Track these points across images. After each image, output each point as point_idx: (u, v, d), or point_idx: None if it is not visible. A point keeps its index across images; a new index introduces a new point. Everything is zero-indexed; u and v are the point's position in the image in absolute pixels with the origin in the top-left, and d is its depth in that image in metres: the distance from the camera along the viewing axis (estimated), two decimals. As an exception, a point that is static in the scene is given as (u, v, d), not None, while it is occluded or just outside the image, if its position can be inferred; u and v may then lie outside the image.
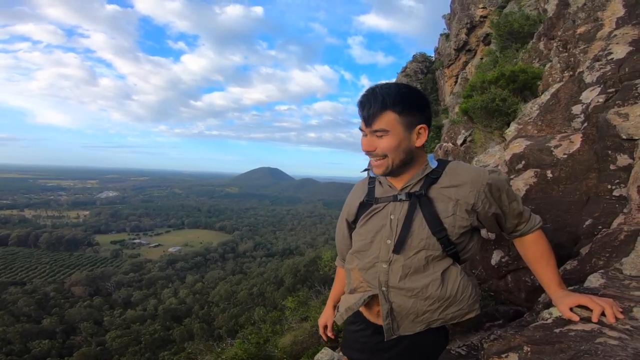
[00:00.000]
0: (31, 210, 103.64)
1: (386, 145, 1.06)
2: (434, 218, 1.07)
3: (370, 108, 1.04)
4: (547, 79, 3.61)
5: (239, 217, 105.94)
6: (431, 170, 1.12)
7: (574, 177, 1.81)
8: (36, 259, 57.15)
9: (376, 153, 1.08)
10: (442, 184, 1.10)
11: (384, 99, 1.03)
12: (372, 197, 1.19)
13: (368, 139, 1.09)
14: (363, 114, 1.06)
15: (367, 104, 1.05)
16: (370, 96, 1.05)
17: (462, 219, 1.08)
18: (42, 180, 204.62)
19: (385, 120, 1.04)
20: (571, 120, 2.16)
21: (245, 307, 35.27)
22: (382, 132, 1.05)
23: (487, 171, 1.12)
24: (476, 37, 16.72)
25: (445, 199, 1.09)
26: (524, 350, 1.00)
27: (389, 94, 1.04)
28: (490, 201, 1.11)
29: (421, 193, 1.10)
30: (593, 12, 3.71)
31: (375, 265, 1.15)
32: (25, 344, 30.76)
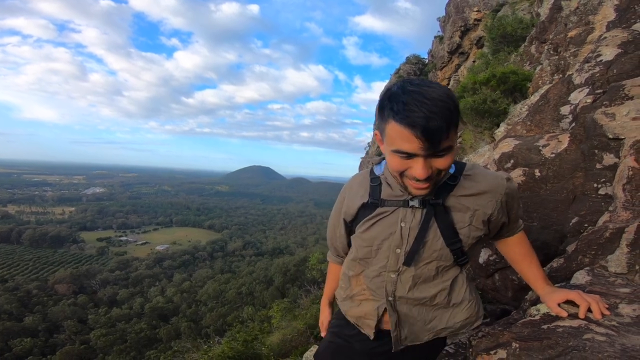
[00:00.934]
0: (14, 205, 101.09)
1: (447, 163, 0.88)
2: (449, 229, 0.99)
3: (440, 126, 0.80)
4: (537, 81, 3.65)
5: (228, 215, 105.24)
6: (449, 176, 1.00)
7: (561, 175, 1.82)
8: (19, 256, 55.78)
9: (431, 176, 0.89)
10: (460, 191, 1.00)
11: (451, 113, 0.82)
12: (376, 198, 1.05)
13: (425, 162, 0.86)
14: (429, 133, 0.80)
15: (435, 119, 0.80)
16: (436, 110, 0.80)
17: (477, 230, 1.01)
18: (28, 175, 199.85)
19: (451, 137, 0.85)
20: (559, 120, 2.18)
21: (234, 306, 35.04)
22: (446, 151, 0.86)
23: (504, 179, 1.04)
24: (470, 40, 16.92)
25: (462, 209, 1.00)
26: (513, 346, 1.00)
27: (450, 105, 0.83)
28: (504, 210, 1.05)
29: (438, 202, 0.98)
30: (585, 16, 3.76)
31: (382, 274, 1.07)
32: (7, 342, 30.06)
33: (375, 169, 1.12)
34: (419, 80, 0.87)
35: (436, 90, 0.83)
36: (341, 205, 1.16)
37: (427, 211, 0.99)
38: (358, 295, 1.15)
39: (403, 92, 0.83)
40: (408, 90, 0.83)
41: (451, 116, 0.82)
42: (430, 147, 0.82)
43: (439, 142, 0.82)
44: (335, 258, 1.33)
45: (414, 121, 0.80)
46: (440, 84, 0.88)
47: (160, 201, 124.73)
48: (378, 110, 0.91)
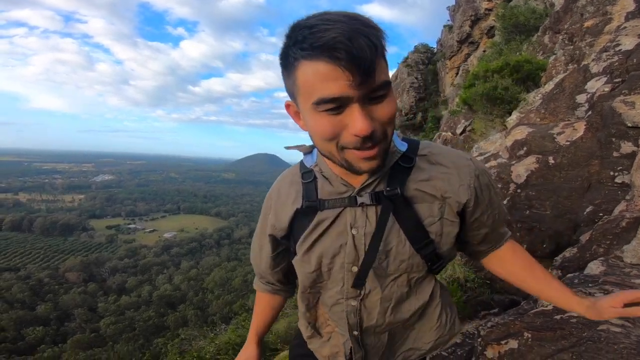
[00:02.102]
0: (25, 193, 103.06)
1: (390, 111, 0.60)
2: (416, 228, 0.71)
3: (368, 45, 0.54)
4: (551, 71, 3.56)
5: (235, 203, 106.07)
6: (401, 156, 0.72)
7: (576, 163, 1.78)
8: (30, 244, 57.03)
9: (375, 134, 0.60)
10: (420, 175, 0.72)
11: (376, 30, 0.57)
12: (313, 199, 0.74)
13: (361, 111, 0.57)
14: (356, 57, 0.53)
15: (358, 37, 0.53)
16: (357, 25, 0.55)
17: (452, 224, 0.73)
18: (38, 163, 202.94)
19: (383, 69, 0.58)
20: (575, 108, 2.13)
21: (240, 294, 35.57)
22: (386, 90, 0.59)
23: (469, 159, 0.76)
24: (480, 30, 16.57)
25: (427, 198, 0.71)
26: (524, 336, 0.98)
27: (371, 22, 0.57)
28: (482, 204, 0.76)
29: (396, 192, 0.69)
30: (602, 6, 3.64)
31: (340, 302, 0.78)
32: (19, 331, 30.80)
33: (305, 160, 0.81)
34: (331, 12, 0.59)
35: (348, 12, 0.58)
36: (266, 218, 0.85)
37: (382, 207, 0.70)
38: (325, 327, 0.88)
39: (306, 19, 0.57)
40: (312, 16, 0.58)
41: (378, 35, 0.56)
42: (363, 80, 0.54)
43: (372, 72, 0.55)
44: (264, 286, 0.99)
45: (330, 44, 0.53)
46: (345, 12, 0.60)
47: (168, 188, 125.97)
48: (282, 63, 0.62)
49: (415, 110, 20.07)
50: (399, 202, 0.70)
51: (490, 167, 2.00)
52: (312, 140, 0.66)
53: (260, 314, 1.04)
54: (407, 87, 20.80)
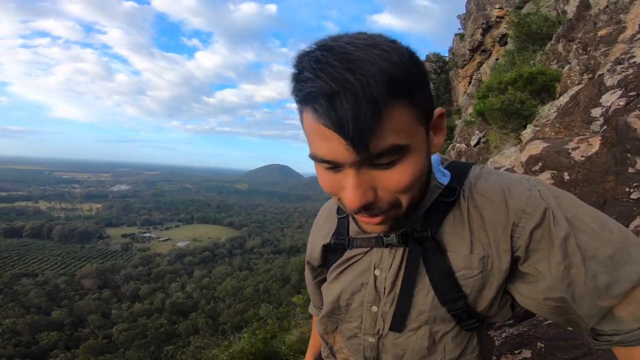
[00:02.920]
0: (46, 202, 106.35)
1: (402, 180, 0.47)
2: (446, 279, 0.58)
3: (360, 98, 0.40)
4: (566, 81, 3.56)
5: (247, 213, 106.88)
6: (441, 191, 0.59)
7: (591, 179, 1.79)
8: (49, 251, 58.57)
9: (378, 204, 0.49)
10: (460, 214, 0.58)
11: (385, 72, 0.41)
12: (343, 236, 0.69)
13: (355, 178, 0.47)
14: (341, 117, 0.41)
15: (343, 93, 0.40)
16: (345, 78, 0.40)
17: (498, 281, 0.57)
18: (58, 172, 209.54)
19: (397, 125, 0.43)
20: (590, 123, 2.14)
21: (251, 304, 35.58)
22: (392, 157, 0.45)
23: (530, 184, 0.55)
24: (492, 38, 16.54)
25: (464, 244, 0.57)
26: (538, 346, 1.01)
27: (388, 59, 0.41)
28: (534, 247, 0.53)
29: (426, 235, 0.58)
30: (615, 15, 3.65)
31: (358, 336, 0.72)
32: (34, 336, 31.38)
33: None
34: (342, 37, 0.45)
35: (363, 41, 0.42)
36: (308, 247, 0.83)
37: (410, 251, 0.60)
38: (340, 353, 0.83)
39: (302, 54, 0.44)
40: (309, 50, 0.44)
41: (387, 86, 0.40)
42: (356, 147, 0.42)
43: (363, 138, 0.41)
44: (315, 309, 0.95)
45: (309, 99, 0.42)
46: (369, 36, 0.45)
47: (182, 198, 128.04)
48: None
49: (428, 119, 20.01)
50: (430, 247, 0.59)
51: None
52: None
53: (315, 337, 1.04)
54: (419, 97, 20.79)
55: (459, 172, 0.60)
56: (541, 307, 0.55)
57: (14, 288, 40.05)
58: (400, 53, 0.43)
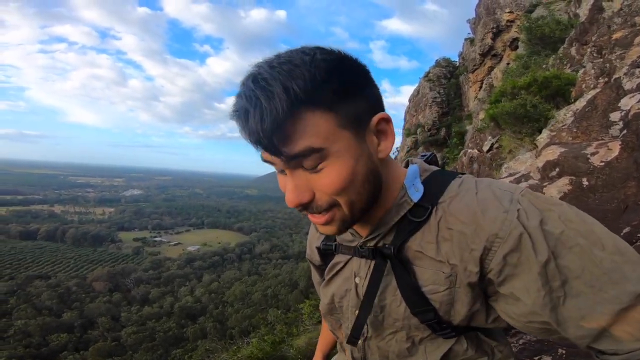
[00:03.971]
0: (60, 205, 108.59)
1: (335, 179, 0.51)
2: (414, 292, 0.59)
3: (263, 112, 0.46)
4: (581, 85, 3.49)
5: (257, 218, 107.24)
6: (412, 207, 0.58)
7: (611, 185, 1.74)
8: (62, 254, 59.68)
9: (317, 203, 0.54)
10: (428, 233, 0.57)
11: (287, 87, 0.46)
12: (331, 241, 0.73)
13: (291, 181, 0.53)
14: (251, 130, 0.47)
15: (255, 106, 0.46)
16: (254, 91, 0.47)
17: (469, 296, 0.56)
18: (73, 177, 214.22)
19: (311, 131, 0.48)
20: (609, 127, 2.08)
21: (259, 309, 35.53)
22: (312, 159, 0.49)
23: (508, 204, 0.52)
24: (502, 42, 16.40)
25: (430, 263, 0.57)
26: (559, 352, 0.98)
27: (297, 76, 0.46)
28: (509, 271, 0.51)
29: (388, 250, 0.60)
30: (630, 17, 3.58)
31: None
32: (44, 337, 31.76)
33: None
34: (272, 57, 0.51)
35: (279, 59, 0.48)
36: (307, 247, 0.86)
37: (375, 264, 0.62)
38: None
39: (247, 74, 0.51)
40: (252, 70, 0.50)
41: (293, 93, 0.45)
42: (272, 153, 0.49)
43: (274, 146, 0.47)
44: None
45: (234, 116, 0.50)
46: (301, 49, 0.51)
47: (193, 203, 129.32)
48: None
49: (439, 125, 19.86)
50: (395, 263, 0.60)
51: (522, 188, 1.97)
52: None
53: (324, 335, 1.10)
54: (430, 102, 20.68)
55: (435, 186, 0.59)
56: (527, 327, 0.54)
57: (27, 290, 40.83)
58: (314, 66, 0.47)
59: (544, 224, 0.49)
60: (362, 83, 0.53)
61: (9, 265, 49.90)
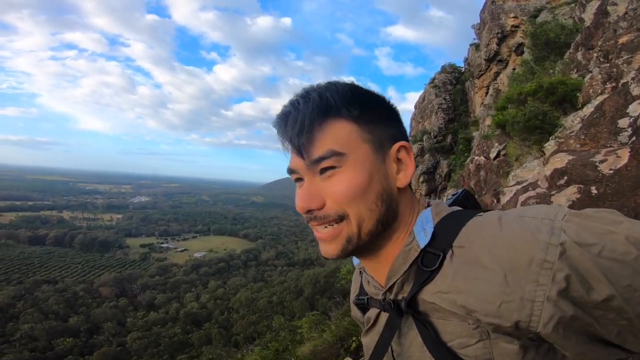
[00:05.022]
0: (69, 211, 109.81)
1: (346, 186, 0.53)
2: (439, 348, 0.52)
3: (299, 117, 0.53)
4: (588, 91, 3.44)
5: (263, 225, 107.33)
6: (421, 254, 0.54)
7: (621, 193, 1.69)
8: (70, 259, 60.23)
9: (325, 212, 0.55)
10: (442, 282, 0.51)
11: (323, 96, 0.54)
12: (363, 295, 0.68)
13: (305, 186, 0.56)
14: (286, 134, 0.55)
15: (294, 112, 0.55)
16: (298, 101, 0.56)
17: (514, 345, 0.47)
18: (82, 183, 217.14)
19: (335, 136, 0.53)
20: (617, 134, 2.04)
21: (264, 315, 35.38)
22: (331, 161, 0.53)
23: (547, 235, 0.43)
24: (508, 47, 16.35)
25: (451, 315, 0.51)
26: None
27: (331, 89, 0.56)
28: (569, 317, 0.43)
29: (398, 302, 0.56)
30: (636, 21, 3.54)
31: None
32: (50, 342, 31.92)
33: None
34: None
35: (322, 84, 0.59)
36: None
37: (388, 319, 0.59)
38: None
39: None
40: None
41: (327, 103, 0.54)
42: (299, 154, 0.54)
43: (305, 142, 0.53)
44: None
45: (275, 122, 0.58)
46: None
47: (200, 210, 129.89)
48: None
49: (445, 132, 19.75)
50: (413, 315, 0.55)
51: (529, 197, 1.93)
52: None
53: None
54: (436, 109, 20.62)
55: (449, 229, 0.53)
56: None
57: (34, 294, 41.20)
58: (347, 87, 0.57)
59: (604, 253, 0.41)
60: (386, 113, 0.59)
61: (17, 270, 50.48)
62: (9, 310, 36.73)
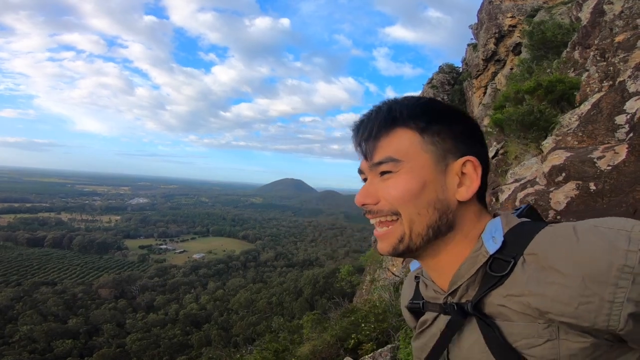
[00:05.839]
0: (67, 213, 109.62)
1: (399, 189, 0.58)
2: (505, 349, 0.54)
3: (369, 125, 0.62)
4: (585, 89, 3.46)
5: (261, 226, 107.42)
6: (490, 260, 0.56)
7: (619, 189, 1.70)
8: (69, 261, 60.14)
9: (379, 207, 0.61)
10: (513, 287, 0.53)
11: (391, 108, 0.61)
12: (418, 300, 0.72)
13: (365, 184, 0.64)
14: (357, 140, 0.64)
15: (366, 121, 0.63)
16: (372, 111, 0.64)
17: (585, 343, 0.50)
18: (80, 185, 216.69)
19: (396, 144, 0.59)
20: (615, 130, 2.05)
21: (264, 316, 35.38)
22: (388, 166, 0.59)
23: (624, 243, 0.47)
24: (505, 47, 16.39)
25: (519, 317, 0.53)
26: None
27: (402, 102, 0.63)
28: None
29: (462, 305, 0.59)
30: (632, 20, 3.56)
31: None
32: (50, 343, 31.90)
33: (412, 265, 0.80)
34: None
35: (397, 98, 0.66)
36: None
37: (449, 321, 0.61)
38: None
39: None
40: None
41: (393, 115, 0.60)
42: (365, 155, 0.63)
43: (371, 147, 0.61)
44: None
45: (355, 123, 0.66)
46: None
47: (198, 212, 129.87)
48: None
49: (442, 131, 19.75)
50: (478, 317, 0.57)
51: (528, 194, 1.94)
52: None
53: None
54: (433, 108, 20.64)
55: (520, 237, 0.55)
56: None
57: (33, 296, 41.08)
58: (419, 101, 0.64)
59: None
60: (459, 128, 0.62)
61: (15, 272, 50.36)
62: (7, 312, 36.62)
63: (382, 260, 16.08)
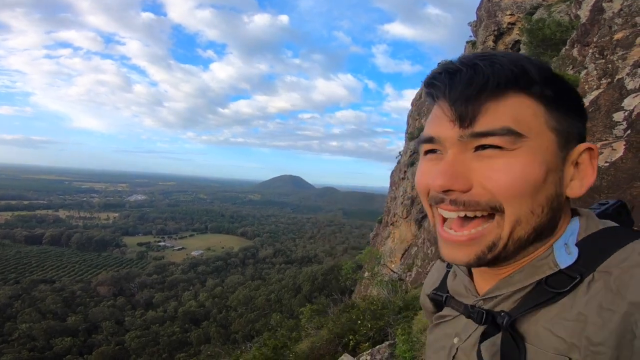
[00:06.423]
0: (65, 210, 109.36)
1: (514, 175, 0.42)
2: None
3: (477, 78, 0.42)
4: (584, 86, 3.46)
5: (260, 223, 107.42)
6: (553, 273, 0.45)
7: (616, 185, 1.71)
8: (67, 258, 60.01)
9: (471, 197, 0.44)
10: (568, 309, 0.43)
11: (517, 63, 0.43)
12: (443, 292, 0.63)
13: (449, 160, 0.45)
14: (448, 94, 0.44)
15: (469, 72, 0.43)
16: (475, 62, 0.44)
17: None
18: (77, 182, 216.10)
19: (515, 112, 0.43)
20: (612, 127, 2.05)
21: (262, 313, 35.48)
22: (502, 140, 0.42)
23: None
24: (504, 45, 16.38)
25: (558, 345, 0.42)
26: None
27: (528, 59, 0.45)
28: None
29: (502, 319, 0.47)
30: (631, 18, 3.56)
31: None
32: (49, 341, 31.90)
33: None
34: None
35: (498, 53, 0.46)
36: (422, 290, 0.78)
37: (485, 332, 0.50)
38: None
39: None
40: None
41: (514, 74, 0.42)
42: (459, 119, 0.43)
43: (468, 110, 0.42)
44: None
45: (429, 78, 0.47)
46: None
47: (197, 209, 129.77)
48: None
49: (441, 128, 19.75)
50: (508, 334, 0.47)
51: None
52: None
53: None
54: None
55: (596, 249, 0.44)
56: None
57: (32, 294, 41.02)
58: (546, 66, 0.45)
59: None
60: (578, 106, 0.47)
61: (13, 270, 50.23)
62: (6, 310, 36.57)
63: (381, 256, 16.11)
